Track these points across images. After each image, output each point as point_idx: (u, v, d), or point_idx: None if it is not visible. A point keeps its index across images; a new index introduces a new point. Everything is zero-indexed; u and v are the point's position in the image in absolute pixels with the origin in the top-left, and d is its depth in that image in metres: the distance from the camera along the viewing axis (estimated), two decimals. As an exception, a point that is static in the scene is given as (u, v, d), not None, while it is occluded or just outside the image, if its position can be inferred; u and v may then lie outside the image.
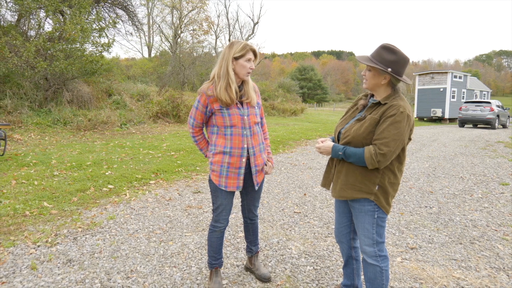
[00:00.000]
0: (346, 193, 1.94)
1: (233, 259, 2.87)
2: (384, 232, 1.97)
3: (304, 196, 4.73)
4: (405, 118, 1.79)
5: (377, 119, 1.84)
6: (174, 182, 5.35)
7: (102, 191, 4.71)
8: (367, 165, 1.81)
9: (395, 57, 1.82)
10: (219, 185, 2.25)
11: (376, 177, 1.87)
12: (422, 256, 2.98)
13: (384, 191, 1.90)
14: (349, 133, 1.92)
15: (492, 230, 3.59)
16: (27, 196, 4.30)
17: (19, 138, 8.29)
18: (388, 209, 1.93)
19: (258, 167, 2.31)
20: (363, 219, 1.94)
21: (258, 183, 2.34)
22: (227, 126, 2.20)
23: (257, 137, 2.30)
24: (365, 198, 1.91)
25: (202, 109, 2.23)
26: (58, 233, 3.31)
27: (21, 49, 9.84)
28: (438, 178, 5.89)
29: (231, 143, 2.20)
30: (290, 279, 2.56)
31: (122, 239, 3.22)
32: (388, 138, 1.76)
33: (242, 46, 2.17)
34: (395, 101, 1.84)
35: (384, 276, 1.95)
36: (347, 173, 1.93)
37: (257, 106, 2.34)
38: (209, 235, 2.38)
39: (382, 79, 1.88)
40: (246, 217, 2.54)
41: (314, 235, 3.40)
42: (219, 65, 2.20)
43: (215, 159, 2.25)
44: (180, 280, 2.52)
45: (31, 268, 2.64)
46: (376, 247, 1.94)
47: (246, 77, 2.23)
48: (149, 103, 13.71)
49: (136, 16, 16.97)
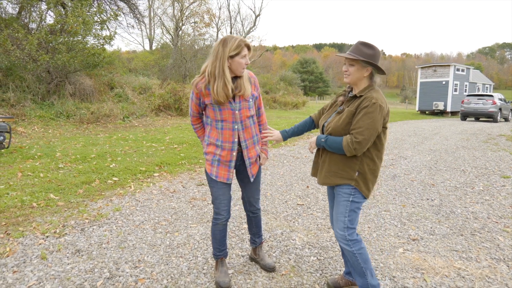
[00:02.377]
0: (329, 180, 2.11)
1: (238, 250, 2.92)
2: (356, 219, 2.11)
3: (306, 189, 4.78)
4: (378, 108, 1.94)
5: (353, 111, 2.01)
6: (177, 175, 5.40)
7: (107, 183, 4.77)
8: (345, 152, 1.98)
9: (373, 52, 2.00)
10: (211, 174, 2.32)
11: (355, 164, 2.04)
12: (424, 247, 3.03)
13: (363, 177, 2.06)
14: (330, 125, 2.10)
15: (493, 222, 3.64)
16: (33, 188, 4.35)
17: (23, 131, 8.34)
18: (368, 194, 2.08)
19: (252, 159, 2.34)
20: (339, 202, 2.10)
21: (253, 175, 2.37)
22: (218, 120, 2.24)
23: (250, 130, 2.31)
24: (346, 184, 2.06)
25: (196, 101, 2.28)
26: (65, 224, 3.37)
27: (23, 42, 9.84)
28: (439, 171, 5.93)
29: (222, 137, 2.24)
30: (295, 269, 2.62)
31: (129, 230, 3.28)
32: (362, 127, 1.93)
33: (236, 44, 2.10)
34: (369, 94, 2.00)
35: (360, 259, 2.08)
36: (330, 162, 2.11)
37: (252, 98, 2.29)
38: (212, 228, 2.42)
39: (365, 72, 2.04)
40: (248, 210, 2.55)
41: (317, 226, 3.46)
42: (212, 64, 2.13)
43: (208, 150, 2.31)
44: (187, 269, 2.58)
45: (41, 258, 2.70)
46: (346, 232, 2.07)
47: (242, 73, 2.20)
48: (151, 96, 13.72)
49: (137, 9, 16.90)
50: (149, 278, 2.46)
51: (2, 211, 3.61)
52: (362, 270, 2.09)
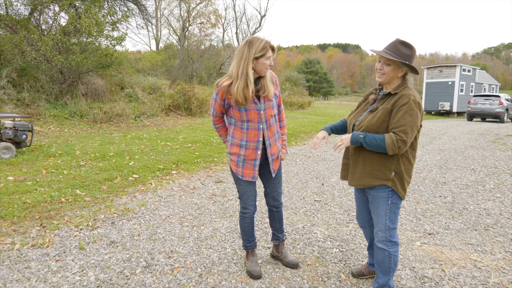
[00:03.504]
0: (364, 181, 2.04)
1: (263, 242, 3.08)
2: (397, 219, 2.08)
3: (322, 186, 4.92)
4: (417, 105, 1.92)
5: (389, 109, 1.96)
6: (194, 172, 5.56)
7: (128, 180, 4.94)
8: (388, 150, 1.90)
9: (411, 52, 1.96)
10: (237, 174, 2.40)
11: (392, 163, 1.98)
12: (440, 241, 3.17)
13: (400, 177, 2.01)
14: (363, 123, 2.03)
15: (505, 218, 3.76)
16: (59, 185, 4.54)
17: (40, 130, 8.56)
18: (404, 194, 2.04)
19: (274, 155, 2.42)
20: (378, 205, 2.06)
21: (274, 170, 2.46)
22: (243, 120, 2.28)
23: (273, 129, 2.39)
24: (381, 185, 2.01)
25: (220, 102, 2.30)
26: (96, 218, 3.54)
27: (38, 43, 10.07)
28: (450, 169, 6.05)
29: (247, 137, 2.30)
30: (319, 260, 2.77)
31: (157, 224, 3.44)
32: (405, 126, 1.88)
33: (262, 46, 2.15)
34: (404, 91, 1.96)
35: (392, 261, 2.09)
36: (364, 162, 2.04)
37: (274, 97, 2.38)
38: (240, 221, 2.55)
39: (400, 72, 2.00)
40: (271, 205, 2.60)
41: (336, 221, 3.60)
42: (237, 65, 2.18)
43: (232, 150, 2.38)
44: (218, 259, 2.74)
45: (79, 248, 2.88)
46: (387, 233, 2.06)
47: (265, 74, 2.27)
48: (161, 96, 13.92)
49: (146, 9, 17.11)
50: (183, 267, 2.62)
51: (34, 205, 3.79)
52: (389, 270, 2.11)
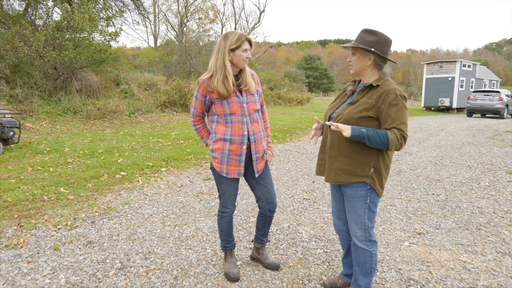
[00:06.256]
0: (342, 178, 1.95)
1: (245, 242, 2.97)
2: (374, 217, 2.01)
3: (312, 184, 4.81)
4: (405, 99, 1.86)
5: (372, 103, 1.85)
6: (184, 170, 5.46)
7: (115, 177, 4.84)
8: (390, 147, 1.80)
9: (376, 38, 1.88)
10: (221, 172, 2.30)
11: (371, 160, 1.90)
12: (429, 241, 3.06)
13: (378, 174, 1.93)
14: (342, 116, 1.92)
15: (499, 217, 3.65)
16: (44, 182, 4.44)
17: (31, 127, 8.45)
18: (381, 191, 1.97)
19: (259, 154, 2.34)
20: (356, 204, 1.96)
21: (258, 170, 2.35)
22: (227, 114, 2.24)
23: (257, 125, 2.33)
24: (358, 183, 1.92)
25: (201, 98, 2.28)
26: (76, 217, 3.44)
27: (31, 39, 9.93)
28: (445, 166, 5.93)
29: (231, 130, 2.24)
30: (302, 261, 2.67)
31: (138, 223, 3.34)
32: (403, 122, 1.82)
33: (237, 37, 2.17)
34: (390, 86, 1.86)
35: (373, 260, 2.02)
36: (342, 159, 1.95)
37: (257, 93, 2.35)
38: (219, 221, 2.45)
39: (367, 60, 1.91)
40: (265, 209, 2.43)
41: (323, 220, 3.50)
42: (215, 58, 2.21)
43: (216, 146, 2.29)
44: (196, 261, 2.64)
45: (54, 249, 2.78)
46: (366, 232, 1.99)
47: (243, 66, 2.25)
48: (157, 93, 13.79)
49: (142, 5, 16.93)
50: (159, 269, 2.52)
51: (15, 204, 3.70)
52: (370, 271, 2.03)
